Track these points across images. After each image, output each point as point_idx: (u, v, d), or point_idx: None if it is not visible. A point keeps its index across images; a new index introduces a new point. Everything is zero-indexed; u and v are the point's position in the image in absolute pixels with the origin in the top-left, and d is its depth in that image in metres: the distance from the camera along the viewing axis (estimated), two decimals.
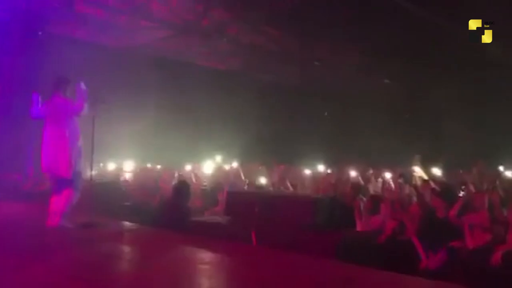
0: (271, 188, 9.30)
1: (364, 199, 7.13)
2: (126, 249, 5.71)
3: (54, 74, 6.58)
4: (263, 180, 9.59)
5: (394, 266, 5.23)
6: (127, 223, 7.09)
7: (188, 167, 11.81)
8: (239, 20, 10.88)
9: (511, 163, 10.84)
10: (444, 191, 6.52)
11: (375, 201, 6.97)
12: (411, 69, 13.13)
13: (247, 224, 6.74)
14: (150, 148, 12.95)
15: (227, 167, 12.07)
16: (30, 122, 7.46)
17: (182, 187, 8.28)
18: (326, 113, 16.21)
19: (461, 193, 7.06)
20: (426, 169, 10.38)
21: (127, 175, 11.42)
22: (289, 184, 9.28)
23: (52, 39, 11.13)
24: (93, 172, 7.47)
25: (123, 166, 12.23)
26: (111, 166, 12.51)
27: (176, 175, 10.37)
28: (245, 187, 9.40)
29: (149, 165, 12.86)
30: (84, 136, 6.53)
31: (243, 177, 9.83)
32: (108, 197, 8.37)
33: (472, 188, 7.03)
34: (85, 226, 6.27)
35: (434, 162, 10.89)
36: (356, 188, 7.49)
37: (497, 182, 8.18)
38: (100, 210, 7.13)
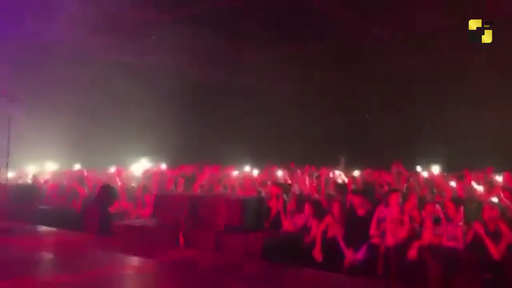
0: (201, 190, 9.21)
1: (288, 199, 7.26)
2: (44, 254, 5.43)
3: None
4: (193, 182, 9.47)
5: (320, 265, 5.39)
6: (45, 227, 6.74)
7: (113, 169, 11.41)
8: (163, 18, 10.71)
9: (427, 164, 11.45)
10: (364, 190, 6.78)
11: (299, 201, 7.12)
12: (338, 75, 13.61)
13: (175, 227, 6.62)
14: (75, 150, 12.38)
15: (155, 169, 11.82)
16: None
17: (107, 190, 8.01)
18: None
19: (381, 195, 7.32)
20: (348, 169, 10.79)
21: (48, 177, 10.84)
22: (221, 186, 9.24)
23: None
24: (10, 174, 7.06)
25: (44, 168, 11.61)
26: (32, 168, 11.81)
27: (101, 177, 10.00)
28: (174, 189, 9.24)
29: (73, 167, 12.28)
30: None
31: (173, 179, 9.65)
32: (25, 200, 7.93)
33: (387, 188, 7.35)
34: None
35: (357, 163, 11.34)
36: (281, 188, 7.60)
37: (414, 182, 8.60)
38: (16, 214, 6.74)
